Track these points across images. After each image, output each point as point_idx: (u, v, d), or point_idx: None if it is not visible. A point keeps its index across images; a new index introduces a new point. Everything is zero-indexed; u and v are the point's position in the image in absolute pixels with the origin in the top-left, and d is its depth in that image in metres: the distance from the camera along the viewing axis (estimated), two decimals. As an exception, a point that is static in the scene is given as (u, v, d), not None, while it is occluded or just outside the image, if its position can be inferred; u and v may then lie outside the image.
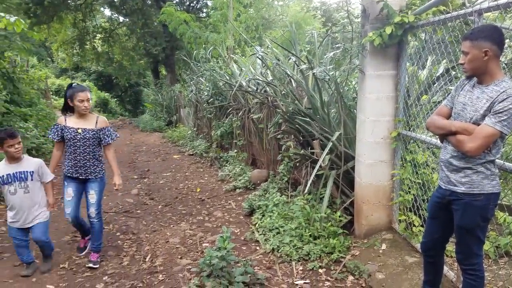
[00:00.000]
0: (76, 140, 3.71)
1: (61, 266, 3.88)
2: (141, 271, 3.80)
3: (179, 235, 4.66)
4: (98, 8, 20.12)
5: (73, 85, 3.79)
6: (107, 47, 20.54)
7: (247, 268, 3.38)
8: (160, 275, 3.69)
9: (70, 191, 3.79)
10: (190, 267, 3.79)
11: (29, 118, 8.77)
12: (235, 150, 7.75)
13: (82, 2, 17.62)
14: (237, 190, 6.32)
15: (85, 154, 3.75)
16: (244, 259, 3.65)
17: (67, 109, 3.83)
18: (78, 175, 3.77)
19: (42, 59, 13.80)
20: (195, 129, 11.26)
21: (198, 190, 6.67)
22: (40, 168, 3.60)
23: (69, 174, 3.79)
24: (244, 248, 4.26)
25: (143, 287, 3.51)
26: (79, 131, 3.71)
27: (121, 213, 5.56)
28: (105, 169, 3.97)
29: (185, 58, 11.82)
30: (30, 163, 3.57)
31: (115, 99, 25.17)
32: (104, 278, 3.65)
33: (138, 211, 5.64)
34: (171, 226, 5.00)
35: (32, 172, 3.53)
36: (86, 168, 3.77)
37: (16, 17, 7.03)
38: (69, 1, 16.69)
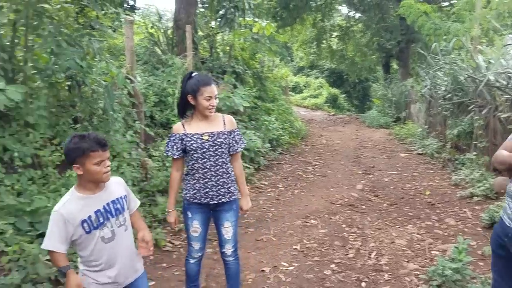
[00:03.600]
0: (204, 150, 2.72)
1: (294, 247, 4.30)
2: (366, 266, 3.85)
3: (406, 237, 4.50)
4: (337, 7, 21.08)
5: (193, 74, 2.75)
6: (342, 44, 21.38)
7: (486, 286, 3.00)
8: (386, 275, 3.67)
9: (196, 225, 2.83)
10: (418, 273, 3.63)
11: (272, 113, 10.03)
12: (474, 153, 6.91)
13: (322, 2, 18.77)
14: (474, 197, 5.65)
15: (217, 167, 2.75)
16: (482, 275, 3.24)
17: (185, 109, 2.82)
18: (209, 199, 2.78)
19: (283, 59, 15.48)
20: (426, 126, 10.60)
21: (427, 193, 6.26)
22: (127, 189, 2.32)
23: (196, 200, 2.80)
24: (482, 264, 3.79)
25: (368, 282, 3.56)
26: (205, 137, 2.73)
27: (346, 206, 5.74)
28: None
29: (421, 51, 11.20)
30: (115, 184, 2.23)
31: (344, 94, 26.01)
32: (331, 266, 3.87)
33: (363, 207, 5.71)
34: (397, 226, 4.87)
35: (125, 196, 2.24)
36: (219, 187, 2.77)
37: (267, 21, 8.15)
38: (311, 2, 18.03)
